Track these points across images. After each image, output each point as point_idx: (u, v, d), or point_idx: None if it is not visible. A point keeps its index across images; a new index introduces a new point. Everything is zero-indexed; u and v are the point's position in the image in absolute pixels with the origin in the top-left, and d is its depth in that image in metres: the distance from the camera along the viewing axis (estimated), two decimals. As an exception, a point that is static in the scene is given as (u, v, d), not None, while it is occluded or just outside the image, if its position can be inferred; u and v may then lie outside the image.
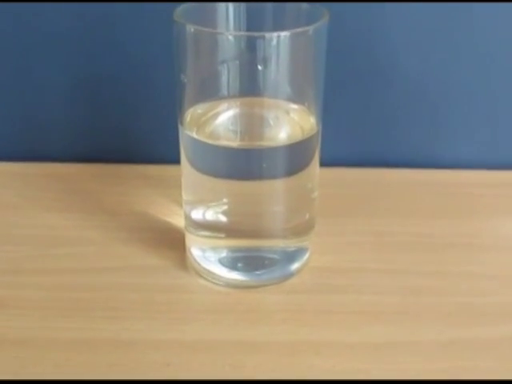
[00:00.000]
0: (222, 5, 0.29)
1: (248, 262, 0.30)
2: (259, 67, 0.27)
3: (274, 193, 0.29)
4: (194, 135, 0.28)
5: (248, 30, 0.29)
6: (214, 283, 0.30)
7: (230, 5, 0.29)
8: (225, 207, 0.30)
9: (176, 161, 0.31)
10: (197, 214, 0.30)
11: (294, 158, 0.29)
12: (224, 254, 0.31)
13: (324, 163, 0.31)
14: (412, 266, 0.32)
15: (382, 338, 0.27)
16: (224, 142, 0.28)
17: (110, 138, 0.40)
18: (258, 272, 0.30)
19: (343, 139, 0.40)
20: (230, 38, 0.27)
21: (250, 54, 0.26)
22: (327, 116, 0.30)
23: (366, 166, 0.40)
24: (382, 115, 0.40)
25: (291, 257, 0.31)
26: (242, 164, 0.28)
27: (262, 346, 0.27)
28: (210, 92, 0.28)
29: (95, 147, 0.41)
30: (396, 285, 0.31)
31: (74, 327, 0.28)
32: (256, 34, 0.26)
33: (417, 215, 0.36)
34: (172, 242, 0.33)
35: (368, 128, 0.40)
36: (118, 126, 0.40)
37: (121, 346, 0.27)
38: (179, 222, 0.33)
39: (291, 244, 0.31)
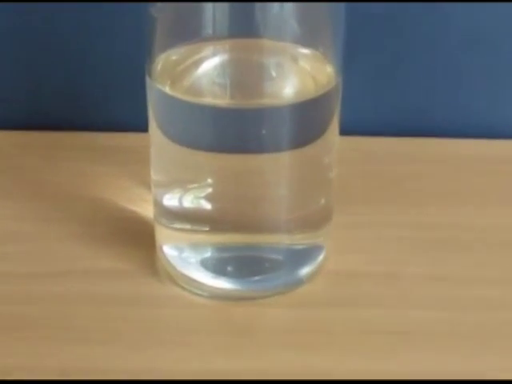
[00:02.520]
0: None
1: (241, 264, 0.30)
2: (257, -3, 0.27)
3: (277, 171, 0.29)
4: (167, 91, 0.28)
5: None
6: (194, 294, 0.30)
7: None
8: (209, 190, 0.29)
9: (142, 127, 0.30)
10: (171, 200, 0.30)
11: (305, 122, 0.28)
12: (208, 253, 0.30)
13: (345, 130, 0.31)
14: (465, 271, 0.31)
15: (424, 368, 0.27)
16: (208, 100, 0.28)
17: (52, 97, 0.40)
18: (254, 278, 0.30)
19: (371, 98, 0.40)
20: (217, -45, 0.26)
21: (245, -22, 0.26)
22: (350, 65, 0.29)
23: (402, 135, 0.39)
24: (425, 67, 0.39)
25: (300, 258, 0.30)
26: (233, 131, 0.28)
27: (260, 380, 0.26)
28: (188, 31, 0.28)
29: (32, 109, 0.40)
30: (443, 296, 0.30)
31: (6, 353, 0.27)
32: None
33: (469, 201, 0.35)
34: (137, 239, 0.32)
35: (405, 83, 0.40)
36: (64, 80, 0.40)
37: (68, 378, 0.26)
38: (147, 210, 0.33)
39: (300, 240, 0.30)
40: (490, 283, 0.31)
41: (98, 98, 0.40)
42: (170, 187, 0.30)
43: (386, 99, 0.40)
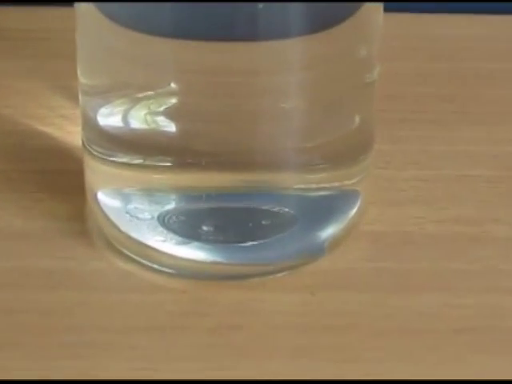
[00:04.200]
0: None
1: (225, 222, 0.29)
2: None
3: (284, 70, 0.28)
4: None
5: None
6: (149, 269, 0.29)
7: None
8: (173, 101, 0.28)
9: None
10: (111, 117, 0.29)
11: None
12: (172, 205, 0.29)
13: (395, 5, 0.32)
14: None
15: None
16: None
17: None
18: (246, 245, 0.29)
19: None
20: None
21: None
22: None
23: (471, 11, 0.41)
24: None
25: (320, 212, 0.30)
26: (213, 4, 0.26)
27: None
28: None
29: None
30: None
31: None
32: None
33: None
34: (56, 181, 0.32)
35: None
36: None
37: None
38: (71, 134, 0.33)
39: (321, 184, 0.30)
40: None
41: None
42: (110, 96, 0.29)
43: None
